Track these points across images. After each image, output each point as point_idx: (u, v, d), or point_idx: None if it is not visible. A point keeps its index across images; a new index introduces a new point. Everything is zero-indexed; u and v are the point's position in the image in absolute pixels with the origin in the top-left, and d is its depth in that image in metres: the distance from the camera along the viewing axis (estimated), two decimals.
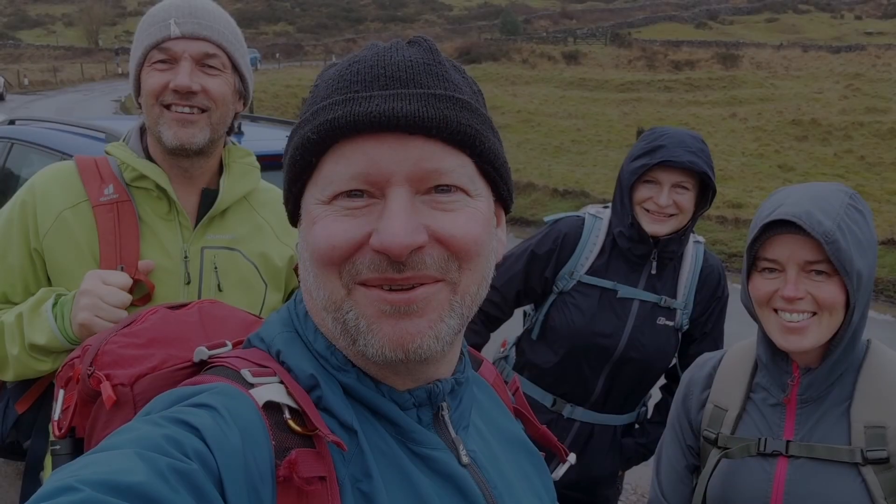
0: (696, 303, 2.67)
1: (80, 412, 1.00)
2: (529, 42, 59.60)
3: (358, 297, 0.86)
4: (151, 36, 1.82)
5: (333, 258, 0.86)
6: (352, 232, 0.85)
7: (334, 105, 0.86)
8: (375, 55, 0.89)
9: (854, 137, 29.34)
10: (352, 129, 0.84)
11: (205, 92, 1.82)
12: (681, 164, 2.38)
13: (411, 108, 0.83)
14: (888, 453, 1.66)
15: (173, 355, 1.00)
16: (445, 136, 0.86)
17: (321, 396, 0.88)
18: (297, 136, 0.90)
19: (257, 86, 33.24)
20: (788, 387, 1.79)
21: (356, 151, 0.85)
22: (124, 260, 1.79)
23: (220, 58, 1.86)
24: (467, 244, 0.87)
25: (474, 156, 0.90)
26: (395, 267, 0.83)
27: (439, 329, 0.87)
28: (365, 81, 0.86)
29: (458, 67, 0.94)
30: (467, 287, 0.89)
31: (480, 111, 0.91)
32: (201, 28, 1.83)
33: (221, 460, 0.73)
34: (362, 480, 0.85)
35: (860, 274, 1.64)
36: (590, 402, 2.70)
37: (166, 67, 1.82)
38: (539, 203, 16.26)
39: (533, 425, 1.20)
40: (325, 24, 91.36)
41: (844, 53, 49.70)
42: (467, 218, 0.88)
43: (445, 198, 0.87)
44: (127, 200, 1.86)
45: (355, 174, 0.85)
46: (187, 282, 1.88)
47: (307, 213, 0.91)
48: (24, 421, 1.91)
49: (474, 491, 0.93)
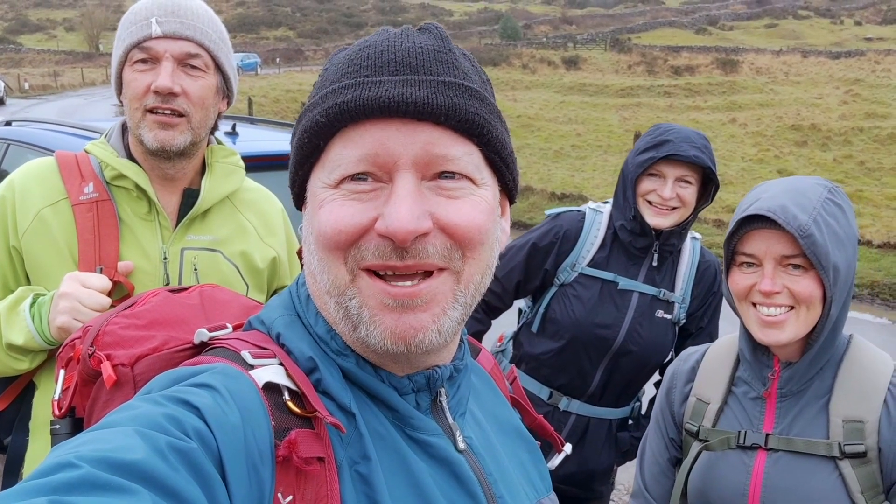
0: (693, 297, 2.73)
1: (81, 392, 1.01)
2: (529, 47, 59.66)
3: (362, 285, 0.86)
4: (132, 35, 1.79)
5: (339, 242, 0.86)
6: (358, 216, 0.85)
7: (344, 89, 0.86)
8: (386, 40, 0.89)
9: (854, 143, 29.39)
10: (361, 113, 0.84)
11: (185, 94, 1.79)
12: (687, 159, 2.45)
13: (421, 95, 0.84)
14: (866, 448, 1.67)
15: (174, 337, 1.01)
16: (454, 124, 0.86)
17: (320, 379, 0.88)
18: (306, 119, 0.90)
19: (258, 91, 33.29)
20: (769, 380, 1.81)
21: (364, 135, 0.85)
22: (103, 260, 1.77)
23: (202, 58, 1.83)
24: (471, 233, 0.87)
25: (481, 144, 0.90)
26: (398, 254, 0.84)
27: (442, 323, 0.87)
28: (375, 66, 0.86)
29: (467, 55, 0.94)
30: (471, 276, 0.90)
31: (489, 100, 0.92)
32: (184, 27, 1.79)
33: (221, 439, 0.74)
34: (360, 463, 0.85)
35: (837, 268, 1.65)
36: (587, 395, 2.74)
37: (147, 68, 1.78)
38: (537, 207, 16.31)
39: (530, 414, 1.20)
40: (325, 30, 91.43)
41: (844, 59, 49.76)
42: (472, 206, 0.88)
43: (451, 184, 0.87)
44: (107, 200, 1.83)
45: (362, 156, 0.85)
46: (166, 283, 1.84)
47: (313, 197, 0.90)
48: (5, 418, 1.90)
49: (470, 477, 0.93)
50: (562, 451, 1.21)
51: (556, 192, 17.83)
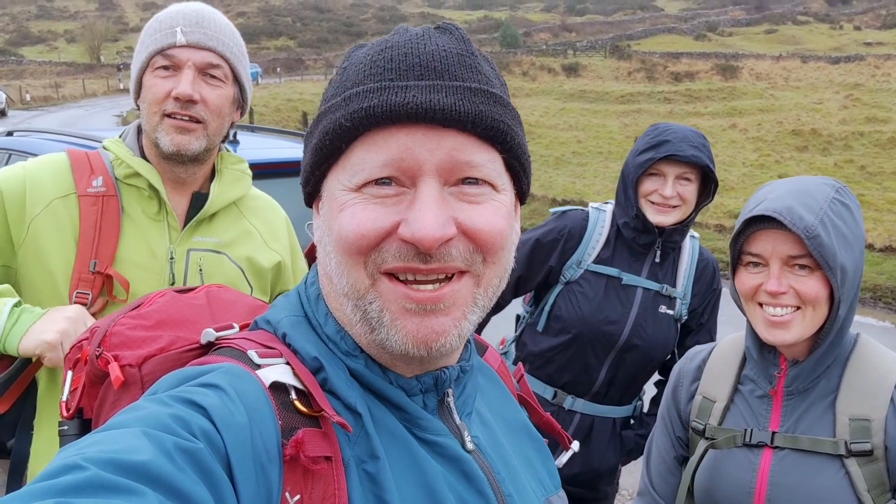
0: (694, 294, 2.78)
1: (88, 393, 1.01)
2: (529, 55, 59.81)
3: (382, 289, 0.86)
4: (157, 42, 1.84)
5: (361, 247, 0.85)
6: (381, 221, 0.84)
7: (369, 92, 0.85)
8: (409, 41, 0.88)
9: (854, 147, 29.41)
10: (388, 118, 0.83)
11: (204, 102, 1.84)
12: (685, 158, 2.50)
13: (448, 102, 0.83)
14: (872, 446, 1.66)
15: (181, 337, 1.01)
16: (479, 131, 0.86)
17: (326, 379, 0.88)
18: (327, 121, 0.89)
19: (258, 100, 33.37)
20: (775, 379, 1.80)
21: (388, 140, 0.84)
22: (99, 255, 1.80)
23: (222, 69, 1.88)
24: (493, 238, 0.88)
25: (504, 151, 0.90)
26: (421, 258, 0.84)
27: (462, 327, 0.88)
28: (400, 70, 0.85)
29: (486, 58, 0.94)
30: (490, 280, 0.90)
31: (511, 105, 0.92)
32: (207, 38, 1.85)
33: (228, 439, 0.74)
34: (368, 462, 0.85)
35: (844, 268, 1.64)
36: (591, 392, 2.77)
37: (169, 74, 1.84)
38: (538, 213, 16.36)
39: (537, 412, 1.20)
40: (325, 39, 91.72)
41: (844, 64, 49.84)
42: (493, 212, 0.88)
43: (473, 190, 0.87)
44: (113, 196, 1.87)
45: (387, 161, 0.84)
46: (171, 282, 1.88)
47: (332, 199, 0.90)
48: (7, 420, 1.90)
49: (479, 476, 0.93)
50: (569, 449, 1.20)
51: (557, 198, 17.89)
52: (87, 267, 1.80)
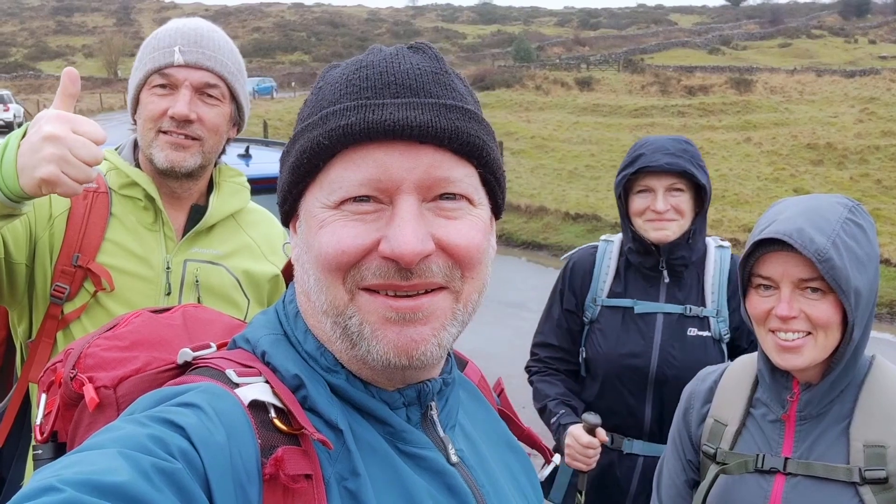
0: (732, 310, 2.57)
1: (63, 416, 0.99)
2: (543, 69, 59.82)
3: (361, 302, 0.87)
4: (155, 60, 1.85)
5: (342, 263, 0.86)
6: (361, 237, 0.85)
7: (346, 111, 0.86)
8: (383, 60, 0.89)
9: (870, 161, 29.18)
10: (364, 136, 0.84)
11: (200, 121, 1.86)
12: (659, 168, 2.42)
13: (425, 118, 0.85)
14: (887, 473, 1.63)
15: (157, 357, 1.00)
16: (456, 147, 0.87)
17: (306, 396, 0.88)
18: (304, 139, 0.90)
19: (273, 114, 33.53)
20: (788, 403, 1.77)
21: (366, 158, 0.85)
22: (83, 249, 1.81)
23: (219, 88, 1.90)
24: (470, 252, 0.89)
25: (480, 166, 0.91)
26: (402, 274, 0.85)
27: (442, 337, 0.88)
28: (375, 88, 0.87)
29: (459, 76, 0.95)
30: (469, 295, 0.91)
31: (485, 121, 0.93)
32: (205, 58, 1.86)
33: (207, 459, 0.73)
34: (348, 479, 0.84)
35: (858, 291, 1.61)
36: (644, 432, 2.60)
37: (166, 93, 1.85)
38: (551, 227, 16.27)
39: (517, 426, 1.20)
40: (339, 53, 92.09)
41: (859, 77, 49.55)
42: (470, 226, 0.89)
43: (451, 205, 0.88)
44: (104, 192, 1.88)
45: (365, 180, 0.85)
46: (167, 293, 1.89)
47: (311, 217, 0.90)
48: (5, 453, 1.90)
49: (463, 489, 0.93)
50: (551, 462, 1.20)
51: (570, 212, 17.76)
52: (70, 260, 1.80)
